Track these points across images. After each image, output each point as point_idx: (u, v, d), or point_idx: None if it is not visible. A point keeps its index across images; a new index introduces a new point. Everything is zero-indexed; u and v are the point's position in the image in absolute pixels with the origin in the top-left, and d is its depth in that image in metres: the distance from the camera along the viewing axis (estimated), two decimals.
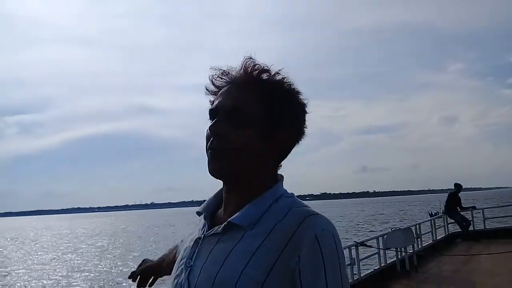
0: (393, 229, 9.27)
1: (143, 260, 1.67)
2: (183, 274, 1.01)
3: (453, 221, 12.53)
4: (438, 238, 11.72)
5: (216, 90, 1.08)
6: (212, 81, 1.08)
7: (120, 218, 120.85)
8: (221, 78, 1.07)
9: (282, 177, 1.08)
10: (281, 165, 1.08)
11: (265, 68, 1.05)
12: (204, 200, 1.17)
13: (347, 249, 7.38)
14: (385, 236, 8.71)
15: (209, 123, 1.04)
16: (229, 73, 1.06)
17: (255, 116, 1.01)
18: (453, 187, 12.96)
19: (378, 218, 42.75)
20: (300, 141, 1.08)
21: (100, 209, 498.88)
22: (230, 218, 0.99)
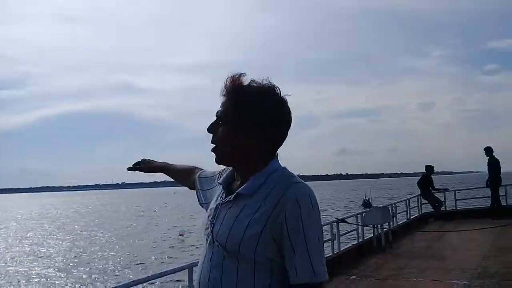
0: (371, 208, 9.81)
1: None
2: (209, 228, 1.44)
3: (426, 201, 13.08)
4: (412, 217, 12.29)
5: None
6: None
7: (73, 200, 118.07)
8: (223, 90, 1.46)
9: (277, 155, 1.46)
10: (274, 151, 1.45)
11: (243, 80, 1.42)
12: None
13: (329, 225, 7.82)
14: (363, 214, 9.26)
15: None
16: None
17: (230, 117, 1.41)
18: (425, 170, 13.35)
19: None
20: (284, 134, 1.44)
21: (69, 188, 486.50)
22: (238, 190, 1.41)
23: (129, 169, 1.99)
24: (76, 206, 72.71)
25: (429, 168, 13.36)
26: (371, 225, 9.07)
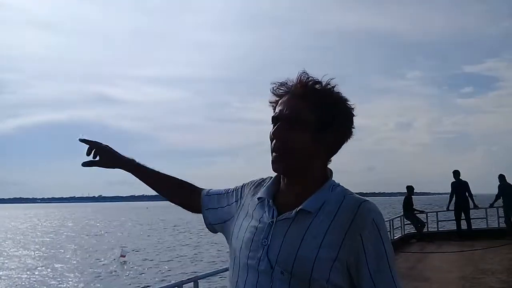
0: None
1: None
2: (261, 251, 1.21)
3: (409, 222, 13.24)
4: (395, 237, 12.36)
5: (277, 99, 1.28)
6: (273, 92, 1.28)
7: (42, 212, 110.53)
8: (280, 89, 1.27)
9: (331, 171, 1.30)
10: (331, 160, 1.30)
11: (317, 80, 1.24)
12: (153, 195, 1.56)
13: None
14: None
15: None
16: (286, 83, 1.26)
17: (308, 121, 1.21)
18: (406, 190, 13.55)
19: None
20: (347, 141, 1.29)
21: (43, 200, 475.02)
22: (301, 206, 1.20)
23: (84, 164, 1.56)
24: (37, 219, 69.25)
25: (410, 189, 13.58)
26: None
